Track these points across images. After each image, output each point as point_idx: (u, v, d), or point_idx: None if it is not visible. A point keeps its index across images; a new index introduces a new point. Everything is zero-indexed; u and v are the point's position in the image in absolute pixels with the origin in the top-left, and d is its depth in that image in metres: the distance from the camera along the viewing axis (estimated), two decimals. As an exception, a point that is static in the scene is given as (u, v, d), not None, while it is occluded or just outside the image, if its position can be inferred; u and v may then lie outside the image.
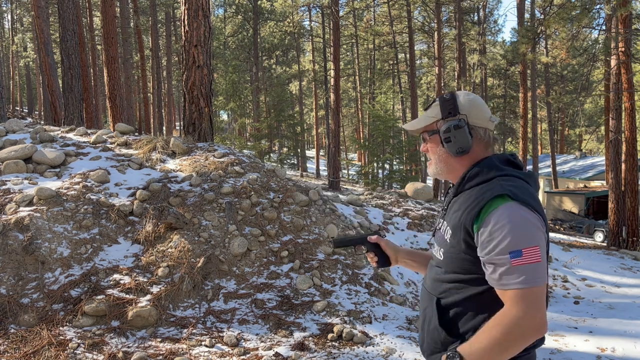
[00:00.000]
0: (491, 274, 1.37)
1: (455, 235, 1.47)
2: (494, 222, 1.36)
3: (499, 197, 1.38)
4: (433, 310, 1.53)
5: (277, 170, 6.56)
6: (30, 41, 36.42)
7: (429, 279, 1.64)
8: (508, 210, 1.36)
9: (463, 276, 1.47)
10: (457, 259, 1.48)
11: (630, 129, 11.95)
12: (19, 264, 4.37)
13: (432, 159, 1.62)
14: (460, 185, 1.55)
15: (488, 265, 1.38)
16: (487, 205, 1.39)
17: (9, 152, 5.93)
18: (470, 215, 1.42)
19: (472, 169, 1.53)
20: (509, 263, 1.33)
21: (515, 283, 1.32)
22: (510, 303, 1.33)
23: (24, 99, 43.60)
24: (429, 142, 1.62)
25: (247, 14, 33.85)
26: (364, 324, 4.45)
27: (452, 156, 1.57)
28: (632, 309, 5.76)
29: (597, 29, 15.12)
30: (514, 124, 33.91)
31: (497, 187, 1.41)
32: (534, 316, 1.31)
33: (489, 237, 1.36)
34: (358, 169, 29.42)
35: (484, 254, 1.38)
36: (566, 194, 22.14)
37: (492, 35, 34.35)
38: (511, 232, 1.34)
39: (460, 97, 1.58)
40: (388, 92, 30.63)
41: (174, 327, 4.15)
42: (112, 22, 12.65)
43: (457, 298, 1.49)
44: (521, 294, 1.32)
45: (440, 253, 1.56)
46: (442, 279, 1.54)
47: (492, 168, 1.50)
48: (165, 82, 30.04)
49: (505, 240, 1.34)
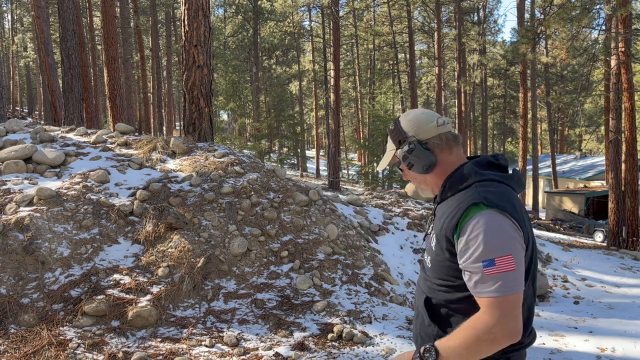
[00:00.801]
0: (467, 281, 1.41)
1: (439, 243, 1.51)
2: (469, 231, 1.38)
3: (474, 205, 1.40)
4: (423, 308, 1.57)
5: (277, 170, 6.56)
6: (30, 41, 36.42)
7: (422, 279, 1.67)
8: (483, 218, 1.37)
9: (450, 282, 1.50)
10: (443, 267, 1.50)
11: (630, 129, 11.95)
12: (19, 264, 4.37)
13: (413, 183, 1.69)
14: (443, 194, 1.57)
15: (465, 272, 1.42)
16: (465, 215, 1.41)
17: (9, 152, 5.93)
18: (450, 224, 1.44)
19: (450, 177, 1.55)
20: (481, 272, 1.35)
21: (488, 292, 1.35)
22: (484, 310, 1.36)
23: (24, 99, 43.60)
24: (404, 171, 1.66)
25: (247, 14, 33.86)
26: (364, 324, 4.45)
27: (425, 174, 1.61)
28: (632, 309, 5.76)
29: (597, 29, 15.12)
30: (514, 124, 33.93)
31: (473, 195, 1.43)
32: (505, 323, 1.33)
33: (465, 245, 1.39)
34: (358, 169, 29.41)
35: (462, 262, 1.41)
36: (566, 194, 22.13)
37: (492, 35, 34.36)
38: (484, 241, 1.35)
39: (402, 122, 1.63)
40: (388, 92, 30.65)
41: (174, 327, 4.15)
42: (112, 22, 12.65)
43: (447, 298, 1.52)
44: (494, 302, 1.34)
45: (428, 260, 1.60)
46: (431, 283, 1.57)
47: (470, 174, 1.51)
48: (165, 82, 30.04)
49: (478, 249, 1.36)
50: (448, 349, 1.40)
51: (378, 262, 5.64)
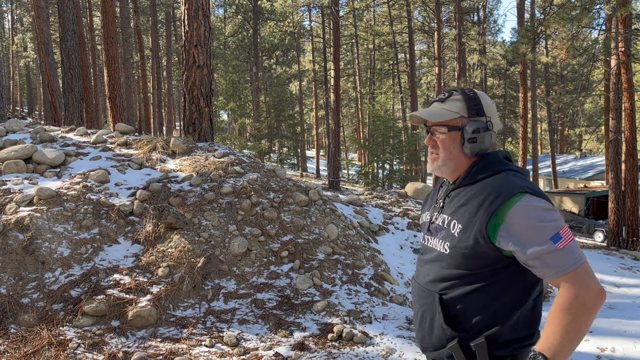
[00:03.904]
0: (542, 268, 1.36)
1: (467, 230, 1.45)
2: (520, 217, 1.37)
3: (520, 193, 1.39)
4: (436, 308, 1.50)
5: (277, 170, 6.56)
6: (30, 41, 36.41)
7: (424, 275, 1.59)
8: (526, 205, 1.37)
9: (470, 270, 1.45)
10: (467, 254, 1.45)
11: (630, 129, 11.95)
12: (19, 264, 4.37)
13: (441, 155, 1.55)
14: (465, 179, 1.53)
15: (533, 260, 1.37)
16: (508, 202, 1.39)
17: (9, 152, 5.93)
18: (488, 211, 1.40)
19: (478, 163, 1.53)
20: (555, 248, 1.34)
21: (571, 264, 1.34)
22: (570, 285, 1.33)
23: (24, 99, 43.60)
24: (443, 137, 1.54)
25: (247, 14, 33.86)
26: (364, 324, 4.45)
27: (467, 156, 1.54)
28: (632, 309, 5.76)
29: (597, 29, 15.12)
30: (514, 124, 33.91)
31: (511, 184, 1.42)
32: (594, 287, 1.33)
33: (523, 233, 1.36)
34: (358, 169, 29.41)
35: (528, 252, 1.36)
36: (566, 194, 22.15)
37: (492, 35, 34.35)
38: (543, 220, 1.36)
39: (483, 99, 1.56)
40: (388, 92, 30.64)
41: (174, 327, 4.15)
42: (112, 22, 12.65)
43: (461, 292, 1.47)
44: (578, 273, 1.34)
45: (445, 247, 1.51)
46: (445, 274, 1.51)
47: (499, 162, 1.52)
48: (165, 82, 30.05)
49: (541, 230, 1.35)
50: (555, 348, 1.31)
51: (378, 262, 5.64)
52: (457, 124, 1.52)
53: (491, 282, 1.44)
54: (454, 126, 1.52)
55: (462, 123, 1.52)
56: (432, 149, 1.58)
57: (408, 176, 21.80)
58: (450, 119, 1.52)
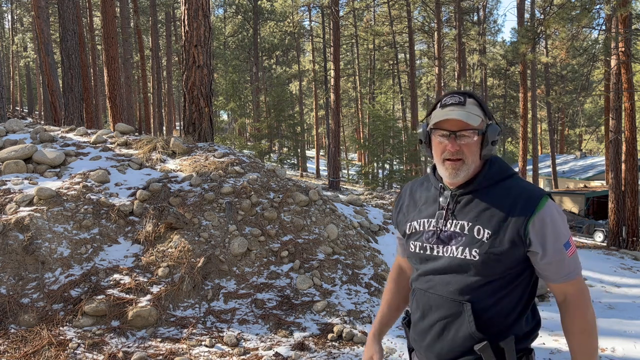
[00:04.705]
0: (552, 272, 1.46)
1: (498, 234, 1.43)
2: (548, 221, 1.43)
3: (545, 197, 1.46)
4: (466, 317, 1.46)
5: (277, 170, 6.56)
6: (30, 41, 36.42)
7: (443, 284, 1.52)
8: (554, 208, 1.46)
9: (502, 274, 1.46)
10: (501, 259, 1.43)
11: (630, 129, 11.94)
12: (19, 264, 4.37)
13: (469, 159, 1.49)
14: (480, 183, 1.51)
15: (549, 264, 1.45)
16: (538, 206, 1.44)
17: (9, 152, 5.93)
18: (523, 215, 1.43)
19: (488, 167, 1.53)
20: (566, 255, 1.45)
21: (575, 272, 1.47)
22: (576, 291, 1.47)
23: (24, 99, 43.60)
24: (471, 141, 1.48)
25: (247, 14, 33.86)
26: (364, 324, 4.45)
27: (479, 159, 1.52)
28: (632, 309, 5.76)
29: (597, 29, 15.12)
30: (514, 124, 33.92)
31: (535, 188, 1.50)
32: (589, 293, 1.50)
33: (546, 236, 1.43)
34: (358, 169, 29.41)
35: (547, 255, 1.43)
36: (566, 194, 22.15)
37: (492, 35, 34.38)
38: (560, 227, 1.45)
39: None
40: (388, 92, 30.66)
41: (174, 327, 4.15)
42: (112, 22, 12.65)
43: (493, 299, 1.46)
44: (580, 280, 1.48)
45: (474, 253, 1.45)
46: (473, 281, 1.46)
47: (508, 167, 1.57)
48: (165, 82, 30.05)
49: (559, 236, 1.43)
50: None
51: (378, 262, 5.64)
52: (482, 127, 1.51)
53: (516, 284, 1.48)
54: (480, 129, 1.50)
55: (484, 126, 1.52)
56: (453, 155, 1.48)
57: (408, 176, 21.80)
58: (479, 123, 1.49)
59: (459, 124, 1.47)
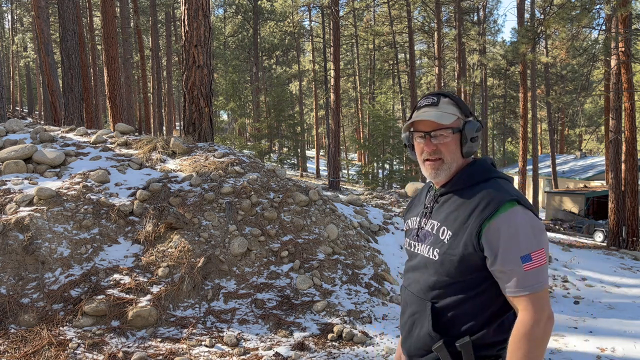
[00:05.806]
0: (505, 282, 1.37)
1: (457, 236, 1.43)
2: (504, 228, 1.36)
3: (508, 202, 1.38)
4: (426, 316, 1.49)
5: (277, 170, 6.56)
6: (30, 41, 36.42)
7: (415, 281, 1.57)
8: (518, 215, 1.37)
9: (461, 277, 1.44)
10: (457, 261, 1.43)
11: (630, 129, 11.94)
12: (19, 264, 4.37)
13: (447, 158, 1.51)
14: (455, 184, 1.51)
15: (501, 273, 1.37)
16: (498, 210, 1.38)
17: (9, 152, 5.93)
18: (479, 219, 1.39)
19: (468, 168, 1.52)
20: (521, 269, 1.34)
21: (529, 287, 1.34)
22: (527, 307, 1.34)
23: (24, 99, 43.61)
24: (448, 140, 1.50)
25: (247, 14, 33.86)
26: (364, 324, 4.45)
27: (461, 158, 1.52)
28: (632, 309, 5.76)
29: (597, 29, 15.13)
30: (514, 124, 33.93)
31: (503, 192, 1.41)
32: (548, 313, 1.35)
33: (500, 243, 1.36)
34: (358, 169, 29.42)
35: (497, 262, 1.37)
36: (566, 194, 22.14)
37: (492, 35, 34.37)
38: (521, 237, 1.35)
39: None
40: (388, 92, 30.67)
41: (174, 327, 4.15)
42: (112, 22, 12.65)
43: (452, 300, 1.46)
44: (536, 298, 1.34)
45: (435, 253, 1.49)
46: (434, 281, 1.49)
47: (489, 170, 1.51)
48: (165, 82, 30.04)
49: (516, 246, 1.35)
50: None
51: (378, 262, 5.64)
52: (458, 125, 1.51)
53: (481, 290, 1.43)
54: (457, 128, 1.50)
55: (460, 124, 1.52)
56: (431, 155, 1.51)
57: (408, 176, 21.80)
58: (453, 121, 1.51)
59: (431, 125, 1.50)
